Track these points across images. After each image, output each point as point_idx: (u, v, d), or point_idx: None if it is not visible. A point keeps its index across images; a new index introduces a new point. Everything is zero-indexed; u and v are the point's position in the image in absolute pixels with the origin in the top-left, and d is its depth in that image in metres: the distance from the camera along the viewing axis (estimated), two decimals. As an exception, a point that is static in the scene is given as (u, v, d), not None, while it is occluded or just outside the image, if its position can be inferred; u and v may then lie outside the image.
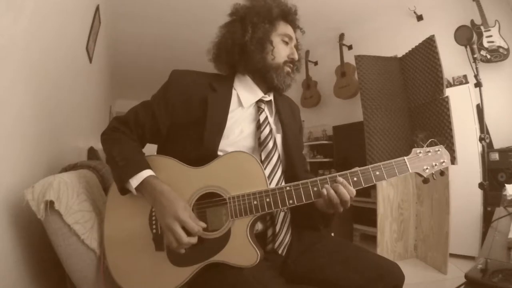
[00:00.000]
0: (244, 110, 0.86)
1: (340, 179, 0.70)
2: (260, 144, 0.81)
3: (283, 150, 0.88)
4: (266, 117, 0.85)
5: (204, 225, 0.70)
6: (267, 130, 0.83)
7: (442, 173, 0.76)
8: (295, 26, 0.93)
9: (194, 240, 0.68)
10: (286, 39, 0.88)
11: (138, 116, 0.81)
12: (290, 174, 0.85)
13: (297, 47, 0.93)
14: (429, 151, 0.75)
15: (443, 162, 0.74)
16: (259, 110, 0.86)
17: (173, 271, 0.71)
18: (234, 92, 0.87)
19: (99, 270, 0.77)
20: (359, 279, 0.74)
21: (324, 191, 0.69)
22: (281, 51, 0.87)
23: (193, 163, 0.76)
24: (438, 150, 0.75)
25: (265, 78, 0.87)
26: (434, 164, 0.74)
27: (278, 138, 0.88)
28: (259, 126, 0.83)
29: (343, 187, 0.69)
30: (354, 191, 0.70)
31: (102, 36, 2.55)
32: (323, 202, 0.71)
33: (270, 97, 0.91)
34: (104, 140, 0.81)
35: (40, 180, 0.73)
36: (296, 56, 0.90)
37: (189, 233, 0.67)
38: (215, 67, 0.94)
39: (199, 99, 0.81)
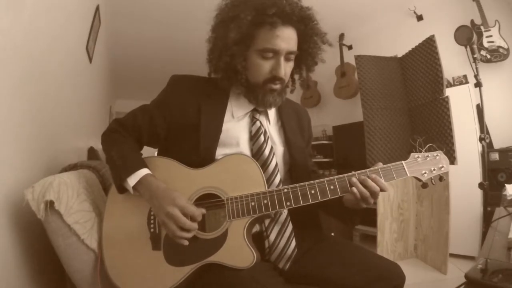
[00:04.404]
0: (238, 121, 0.84)
1: (372, 175, 0.70)
2: (253, 155, 0.80)
3: (287, 163, 0.87)
4: (260, 128, 0.83)
5: (204, 211, 0.70)
6: (260, 141, 0.81)
7: (441, 178, 0.75)
8: (288, 24, 0.74)
9: (195, 225, 0.68)
10: (269, 54, 0.75)
11: (136, 119, 0.83)
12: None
13: (290, 54, 0.77)
14: (427, 156, 0.75)
15: (442, 167, 0.75)
16: (252, 120, 0.84)
17: (169, 270, 0.71)
18: (229, 102, 0.85)
19: (96, 270, 0.77)
20: (359, 279, 0.73)
21: (355, 189, 0.69)
22: (259, 70, 0.76)
23: (192, 166, 0.76)
24: (437, 155, 0.75)
25: (247, 97, 0.82)
26: (432, 169, 0.74)
27: (280, 151, 0.86)
28: (251, 138, 0.82)
29: (373, 181, 0.69)
30: (385, 185, 0.70)
31: (102, 36, 2.55)
32: (354, 198, 0.70)
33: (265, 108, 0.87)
34: (103, 140, 0.84)
35: (40, 180, 0.73)
36: (279, 73, 0.75)
37: (190, 219, 0.67)
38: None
39: (193, 106, 0.81)
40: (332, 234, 2.15)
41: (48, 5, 1.11)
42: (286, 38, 0.75)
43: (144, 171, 0.74)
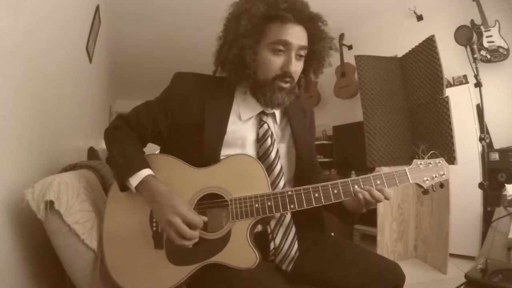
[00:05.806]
0: (244, 123, 0.82)
1: (377, 183, 0.72)
2: (259, 158, 0.79)
3: (292, 164, 0.87)
4: (267, 130, 0.82)
5: (205, 218, 0.70)
6: (267, 144, 0.80)
7: (442, 185, 0.76)
8: (298, 22, 0.74)
9: (196, 233, 0.67)
10: (280, 48, 0.74)
11: (140, 117, 0.82)
12: (302, 183, 0.77)
13: (303, 49, 0.76)
14: (430, 163, 0.75)
15: (443, 174, 0.75)
16: (260, 122, 0.82)
17: (171, 269, 0.71)
18: (235, 103, 0.82)
19: (96, 269, 0.77)
20: (359, 279, 0.74)
21: (360, 195, 0.70)
22: (270, 65, 0.75)
23: (196, 165, 0.76)
24: (439, 162, 0.76)
25: (255, 95, 0.80)
26: (434, 176, 0.75)
27: (283, 148, 0.86)
28: (258, 140, 0.81)
29: (378, 191, 0.71)
30: (389, 194, 0.71)
31: (102, 36, 2.55)
32: (357, 202, 0.72)
33: (272, 110, 0.85)
34: (106, 137, 0.82)
35: (40, 180, 0.73)
36: (290, 68, 0.74)
37: (191, 227, 0.67)
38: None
39: (197, 105, 0.79)
40: (332, 234, 2.15)
41: (48, 5, 1.11)
42: (297, 34, 0.75)
43: (145, 172, 0.73)
